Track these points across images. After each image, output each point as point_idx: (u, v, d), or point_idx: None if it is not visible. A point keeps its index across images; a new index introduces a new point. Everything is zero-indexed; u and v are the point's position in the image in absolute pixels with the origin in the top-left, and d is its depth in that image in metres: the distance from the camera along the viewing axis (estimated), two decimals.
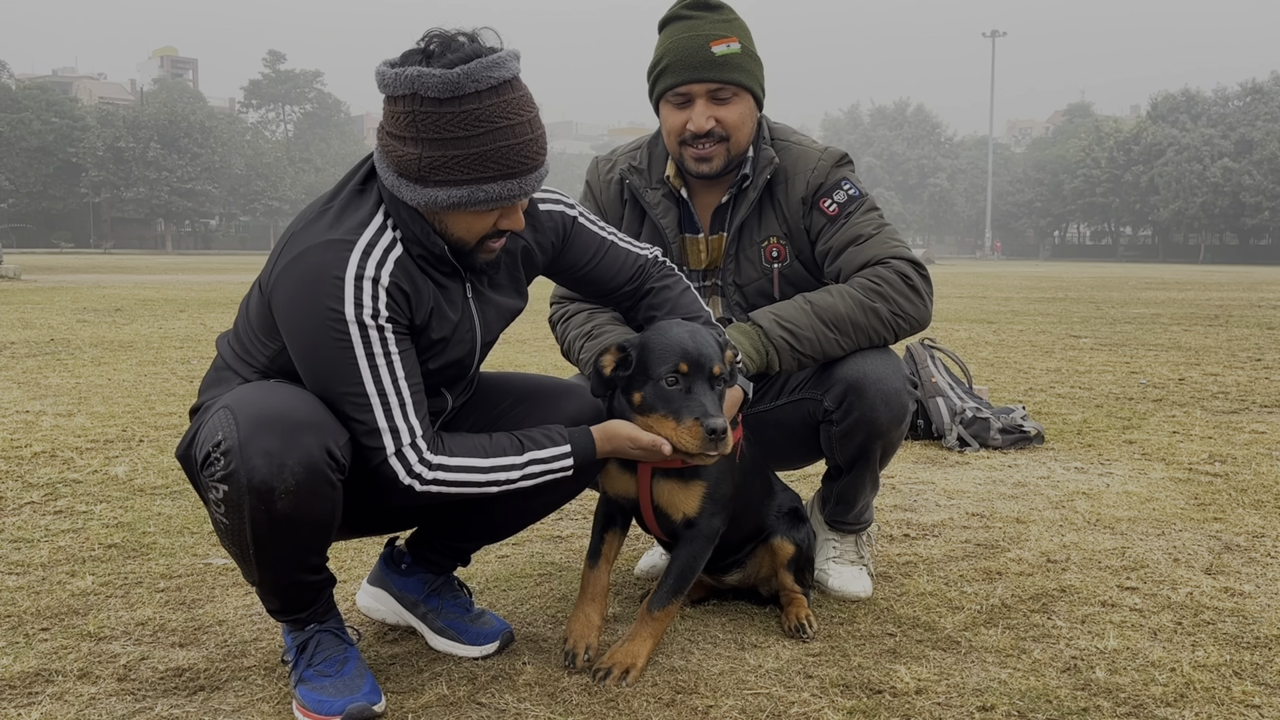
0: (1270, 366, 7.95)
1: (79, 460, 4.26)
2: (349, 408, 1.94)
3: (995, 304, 16.73)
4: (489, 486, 2.06)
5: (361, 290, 1.91)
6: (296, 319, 1.94)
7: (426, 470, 1.99)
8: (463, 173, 1.91)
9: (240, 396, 1.93)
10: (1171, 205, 79.31)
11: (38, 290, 17.60)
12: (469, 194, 1.93)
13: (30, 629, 2.45)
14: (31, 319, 11.45)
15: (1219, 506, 3.65)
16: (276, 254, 2.01)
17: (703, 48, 2.59)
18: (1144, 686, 2.15)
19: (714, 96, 2.61)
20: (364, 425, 1.94)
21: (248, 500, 1.85)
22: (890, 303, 2.55)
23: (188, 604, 2.64)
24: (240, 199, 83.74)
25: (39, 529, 3.27)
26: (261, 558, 1.95)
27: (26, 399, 5.86)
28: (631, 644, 2.21)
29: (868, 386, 2.52)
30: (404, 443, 1.96)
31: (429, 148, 1.89)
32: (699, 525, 2.28)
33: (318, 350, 1.93)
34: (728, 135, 2.63)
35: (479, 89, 1.86)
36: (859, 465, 2.65)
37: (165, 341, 9.24)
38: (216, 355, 2.19)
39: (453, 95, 1.85)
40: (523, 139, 1.93)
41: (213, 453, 1.87)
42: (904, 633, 2.47)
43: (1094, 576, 2.88)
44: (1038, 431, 4.88)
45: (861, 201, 2.69)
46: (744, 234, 2.75)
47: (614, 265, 2.33)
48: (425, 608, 2.42)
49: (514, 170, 1.93)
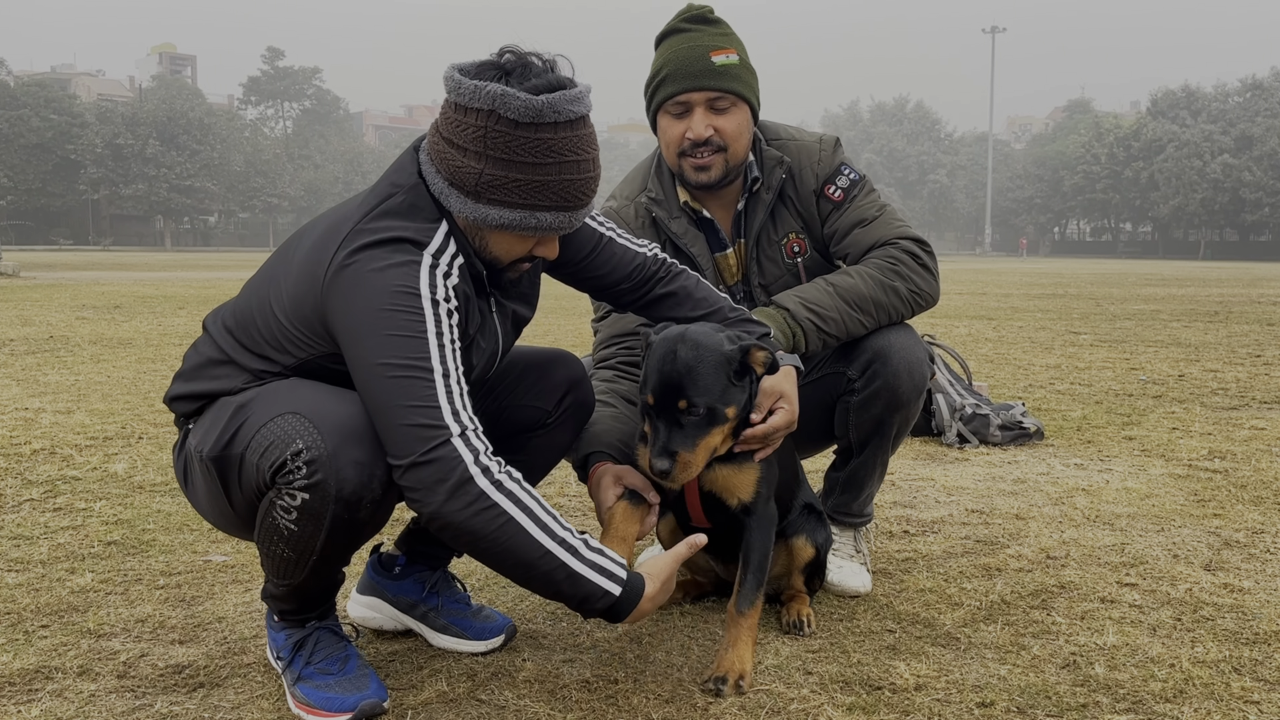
0: (1270, 363, 7.95)
1: (78, 457, 4.25)
2: (410, 385, 1.79)
3: (995, 300, 16.73)
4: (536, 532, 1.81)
5: (435, 280, 1.89)
6: (367, 300, 1.83)
7: (497, 468, 1.81)
8: (520, 196, 1.90)
9: (310, 402, 1.86)
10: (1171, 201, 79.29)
11: (37, 287, 17.59)
12: (521, 218, 1.92)
13: (30, 626, 2.45)
14: (30, 316, 11.44)
15: (1218, 503, 3.65)
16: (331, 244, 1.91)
17: (703, 57, 2.62)
18: (1143, 683, 2.15)
19: (713, 106, 2.63)
20: (424, 405, 1.79)
21: (332, 509, 1.83)
22: (907, 280, 2.64)
23: (187, 601, 2.64)
24: (239, 196, 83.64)
25: (38, 526, 3.26)
26: (320, 563, 1.94)
27: (26, 396, 5.85)
28: (735, 650, 2.16)
29: (893, 354, 2.59)
30: (468, 428, 1.81)
31: (494, 165, 1.87)
32: (757, 511, 2.27)
33: (383, 327, 1.81)
34: (725, 145, 2.65)
35: (558, 120, 1.85)
36: (873, 442, 2.68)
37: (164, 338, 9.24)
38: (205, 338, 2.09)
39: (532, 121, 1.84)
40: (585, 175, 1.94)
41: (291, 461, 1.82)
42: (903, 629, 2.47)
43: (1093, 573, 2.88)
44: (1037, 428, 4.88)
45: (862, 184, 2.78)
46: (762, 236, 2.79)
47: (612, 259, 2.30)
48: (425, 607, 2.41)
49: (568, 204, 1.94)
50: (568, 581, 1.83)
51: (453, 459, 1.77)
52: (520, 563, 1.81)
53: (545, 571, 1.82)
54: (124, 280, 21.15)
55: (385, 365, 1.80)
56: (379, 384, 1.80)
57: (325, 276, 1.88)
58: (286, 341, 1.96)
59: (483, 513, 1.77)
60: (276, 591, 2.07)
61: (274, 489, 1.87)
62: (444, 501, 1.77)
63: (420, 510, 1.81)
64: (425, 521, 1.84)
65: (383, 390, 1.80)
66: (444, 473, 1.76)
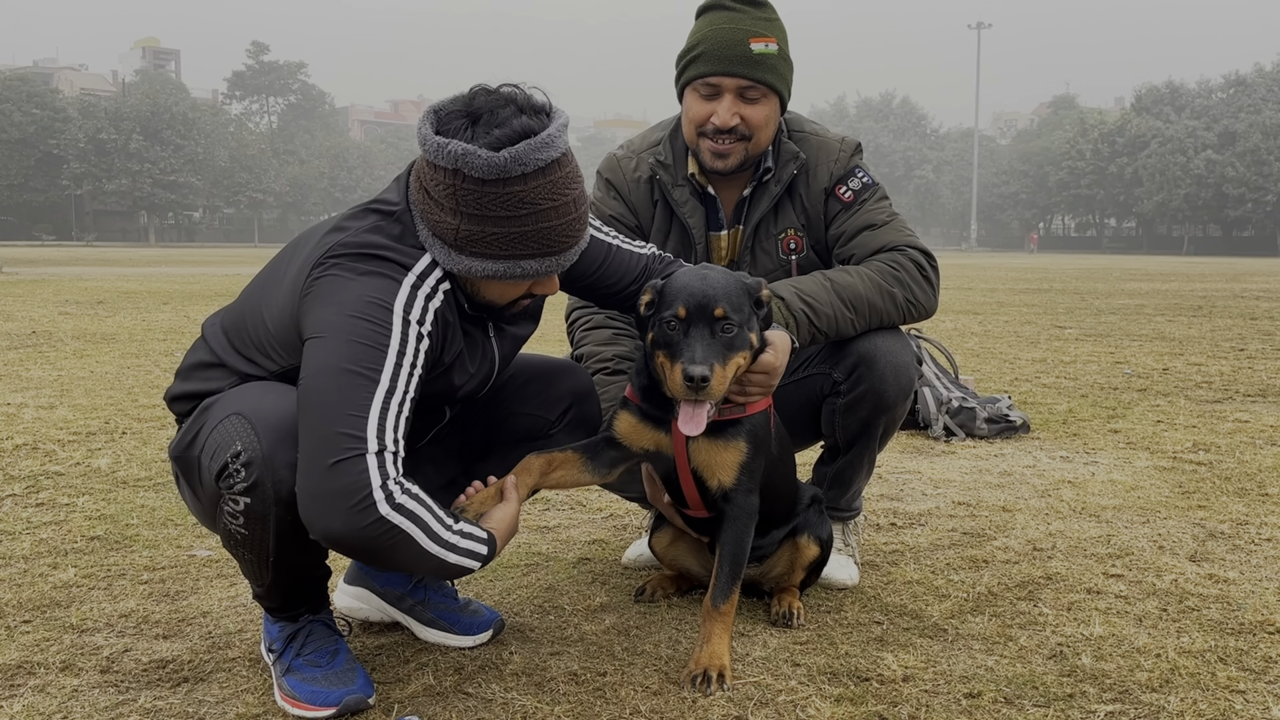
0: (1253, 356, 8.00)
1: (61, 452, 4.22)
2: (349, 392, 1.74)
3: (981, 295, 16.78)
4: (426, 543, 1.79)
5: (415, 299, 1.88)
6: (338, 304, 1.81)
7: (399, 491, 1.76)
8: (500, 249, 1.88)
9: (254, 403, 1.85)
10: (1155, 197, 79.65)
11: (19, 283, 17.45)
12: (506, 268, 1.91)
13: (12, 621, 2.42)
14: (13, 311, 11.35)
15: (1203, 494, 3.66)
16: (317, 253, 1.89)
17: (741, 42, 2.57)
18: (1129, 672, 2.16)
19: (743, 94, 2.59)
20: (353, 415, 1.73)
21: (274, 512, 1.82)
22: (906, 289, 2.60)
23: (171, 596, 2.62)
24: (224, 191, 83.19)
25: (20, 521, 3.24)
26: (280, 565, 1.93)
27: (8, 391, 5.81)
28: (710, 646, 2.15)
29: (879, 358, 2.56)
30: (387, 447, 1.76)
31: (469, 221, 1.86)
32: (736, 500, 2.24)
33: (347, 332, 1.78)
34: (750, 135, 2.62)
35: (525, 172, 1.83)
36: (859, 443, 2.67)
37: (148, 334, 9.18)
38: (201, 340, 2.10)
39: (498, 178, 1.82)
40: (565, 219, 1.91)
41: (231, 463, 1.81)
42: (891, 621, 2.47)
43: (1079, 564, 2.89)
44: (1023, 421, 4.89)
45: (875, 189, 2.73)
46: (761, 227, 2.76)
47: (620, 267, 2.30)
48: (412, 600, 2.40)
49: (551, 249, 1.92)
50: (441, 570, 1.86)
51: (360, 475, 1.71)
52: (405, 566, 1.85)
53: (426, 568, 1.85)
54: (108, 276, 21.01)
55: (334, 369, 1.77)
56: (321, 383, 1.77)
57: (305, 281, 1.88)
58: (270, 348, 1.96)
59: (381, 535, 1.73)
60: (257, 591, 2.07)
61: (220, 493, 1.86)
62: (343, 522, 1.71)
63: (313, 518, 1.73)
64: (316, 537, 1.76)
65: (322, 389, 1.76)
66: (348, 489, 1.71)
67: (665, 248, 2.77)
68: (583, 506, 3.54)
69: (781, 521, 2.54)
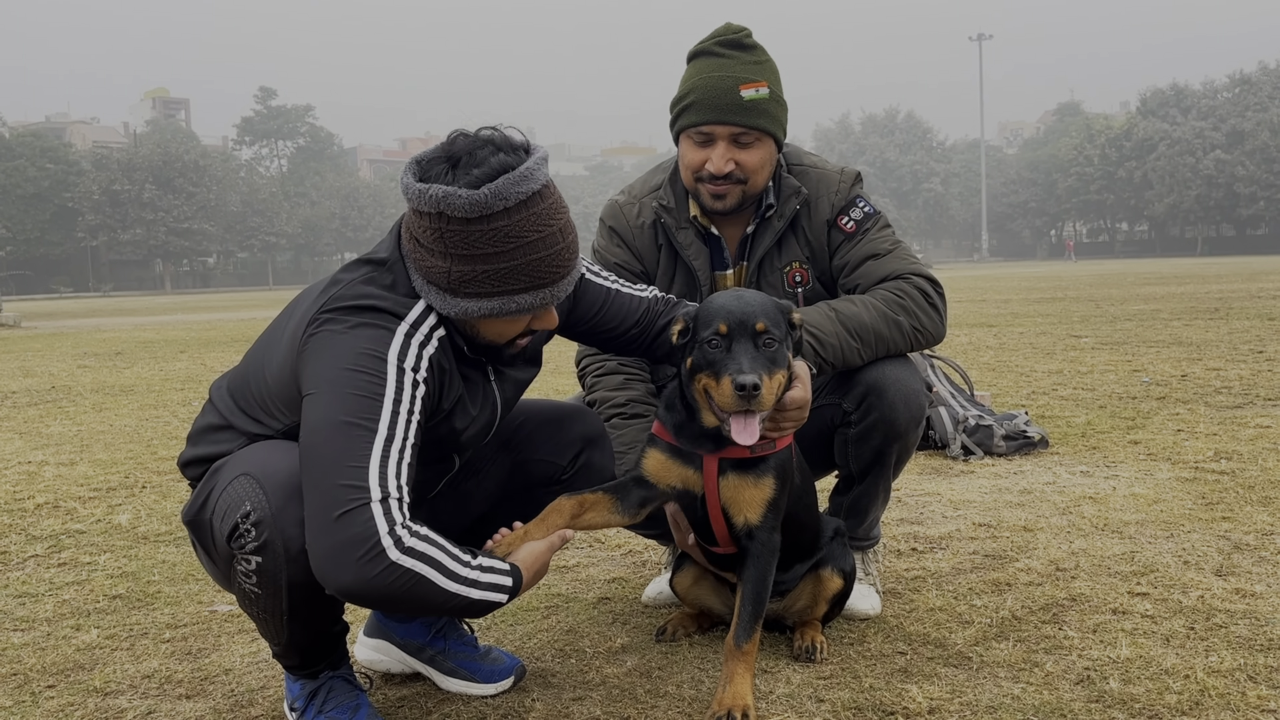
0: (1273, 358, 7.92)
1: (82, 510, 4.25)
2: (349, 443, 1.76)
3: (995, 307, 16.72)
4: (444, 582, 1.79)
5: (409, 346, 1.89)
6: (332, 359, 1.84)
7: (408, 535, 1.76)
8: (493, 286, 1.90)
9: (260, 462, 1.86)
10: (1166, 199, 79.39)
11: (38, 337, 17.62)
12: (500, 305, 1.92)
13: (36, 686, 2.43)
14: (32, 367, 11.46)
15: (1227, 505, 3.63)
16: (313, 309, 1.92)
17: (731, 89, 2.58)
18: (1158, 695, 2.13)
19: (736, 140, 2.61)
20: (355, 465, 1.75)
21: (286, 570, 1.82)
22: (912, 317, 2.59)
23: (194, 654, 2.63)
24: (237, 236, 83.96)
25: (43, 582, 3.25)
26: (294, 623, 1.93)
27: (29, 449, 5.85)
28: (733, 686, 2.13)
29: (888, 387, 2.55)
30: (391, 494, 1.77)
31: (458, 263, 1.88)
32: (759, 538, 2.22)
33: (343, 385, 1.80)
34: (745, 179, 2.64)
35: (507, 206, 1.84)
36: (874, 472, 2.66)
37: (166, 384, 9.25)
38: (209, 403, 2.12)
39: (481, 215, 1.83)
40: (553, 249, 1.92)
41: (241, 524, 1.82)
42: (914, 650, 2.45)
43: (1104, 583, 2.86)
44: (1041, 436, 4.86)
45: (877, 219, 2.74)
46: (766, 262, 2.77)
47: (621, 310, 2.32)
48: (432, 650, 2.39)
49: (544, 280, 1.93)
50: (468, 609, 1.86)
51: (366, 524, 1.72)
52: (429, 608, 1.84)
53: (451, 608, 1.84)
54: (125, 326, 21.19)
55: (332, 422, 1.79)
56: (320, 437, 1.78)
57: (301, 338, 1.90)
58: (274, 406, 1.98)
59: (395, 580, 1.74)
60: (276, 650, 2.07)
61: (232, 553, 1.87)
62: (355, 573, 1.71)
63: (326, 574, 1.74)
64: (332, 593, 1.77)
65: (322, 443, 1.78)
66: (355, 540, 1.71)
67: (671, 290, 2.78)
68: (601, 544, 3.53)
69: (805, 555, 2.52)
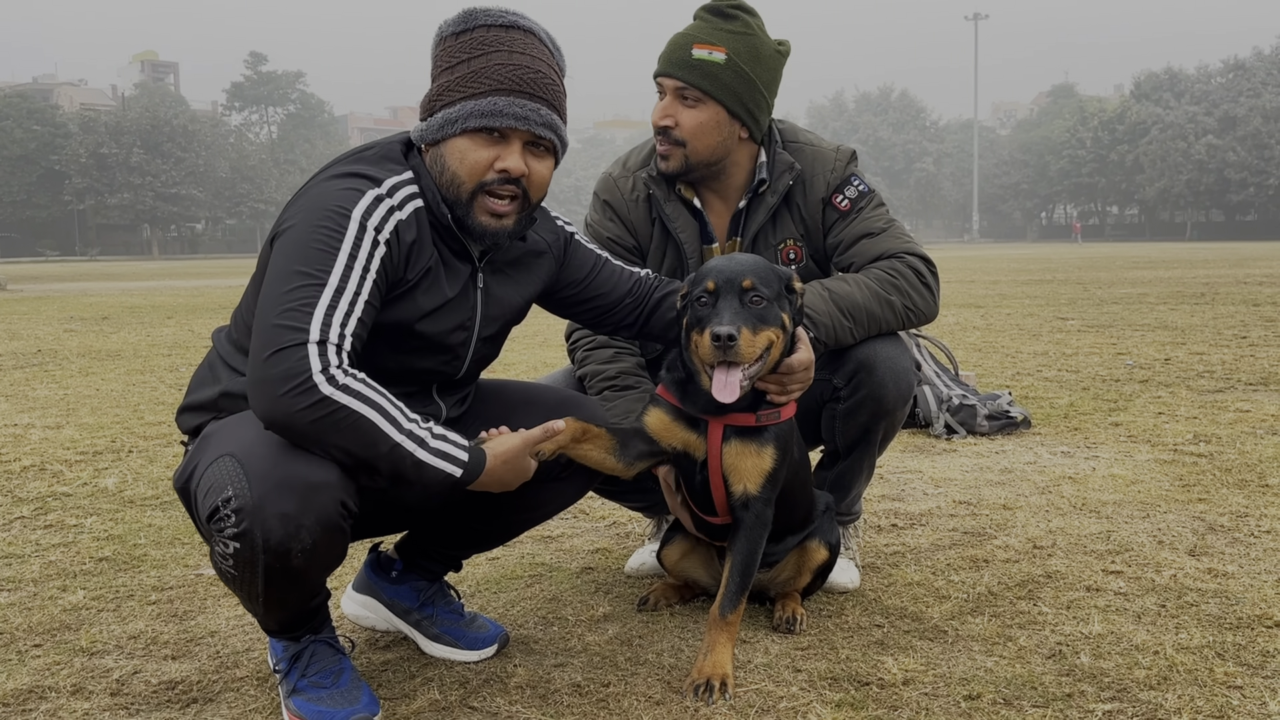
0: (1255, 344, 8.00)
1: (68, 473, 4.26)
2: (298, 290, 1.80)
3: (983, 288, 16.78)
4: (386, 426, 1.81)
5: (376, 207, 1.94)
6: (298, 216, 1.91)
7: (343, 375, 1.78)
8: (462, 90, 1.99)
9: (246, 445, 1.84)
10: (1157, 184, 79.55)
11: (24, 300, 17.53)
12: (463, 109, 1.98)
13: (23, 646, 2.46)
14: (18, 330, 11.41)
15: (1203, 487, 3.68)
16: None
17: (684, 46, 2.62)
18: (1128, 670, 2.18)
19: (681, 95, 2.63)
20: (297, 309, 1.79)
21: (262, 559, 1.83)
22: (904, 296, 2.61)
23: (179, 616, 2.65)
24: (225, 202, 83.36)
25: (29, 544, 3.27)
26: (270, 602, 1.95)
27: (15, 412, 5.85)
28: (714, 655, 2.16)
29: (878, 364, 2.58)
30: (330, 339, 1.79)
31: (442, 77, 2.02)
32: (754, 509, 2.24)
33: (303, 239, 1.86)
34: (684, 141, 2.64)
35: (489, 23, 2.00)
36: (859, 448, 2.69)
37: (153, 349, 9.23)
38: (211, 349, 2.15)
39: (465, 28, 2.00)
40: (519, 63, 2.00)
41: (222, 509, 1.81)
42: (891, 624, 2.50)
43: (1079, 561, 2.91)
44: (1024, 417, 4.91)
45: (871, 197, 2.76)
46: (760, 238, 2.78)
47: (613, 278, 2.37)
48: (419, 615, 2.42)
49: (508, 86, 1.98)
50: (414, 469, 1.86)
51: (300, 361, 1.76)
52: (368, 457, 1.82)
53: (393, 463, 1.84)
54: (112, 290, 21.09)
55: (286, 270, 1.85)
56: (273, 285, 1.85)
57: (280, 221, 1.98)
58: None
59: (329, 415, 1.76)
60: (256, 618, 2.09)
61: (211, 533, 1.88)
62: (284, 405, 1.74)
63: (257, 410, 1.79)
64: (266, 425, 1.80)
65: (272, 289, 1.84)
66: (285, 374, 1.75)
67: (663, 265, 2.80)
68: (585, 515, 3.56)
69: (798, 528, 2.56)
